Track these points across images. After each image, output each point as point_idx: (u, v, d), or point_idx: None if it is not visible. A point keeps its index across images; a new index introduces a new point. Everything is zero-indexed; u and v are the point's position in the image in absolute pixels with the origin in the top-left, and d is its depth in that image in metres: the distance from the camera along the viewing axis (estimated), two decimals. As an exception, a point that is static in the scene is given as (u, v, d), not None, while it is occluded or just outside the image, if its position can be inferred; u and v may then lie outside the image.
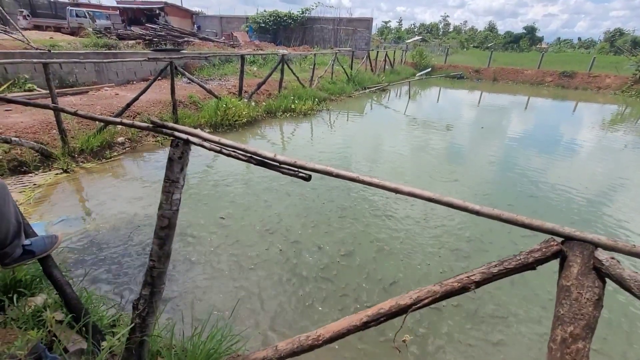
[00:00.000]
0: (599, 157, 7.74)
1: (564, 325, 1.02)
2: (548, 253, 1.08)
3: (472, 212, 1.19)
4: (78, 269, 2.93)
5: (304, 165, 1.50)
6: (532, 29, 64.91)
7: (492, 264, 1.16)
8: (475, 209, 1.19)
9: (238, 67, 12.37)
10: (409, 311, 1.25)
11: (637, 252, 0.97)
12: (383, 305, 1.30)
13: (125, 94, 8.08)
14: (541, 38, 68.06)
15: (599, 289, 1.01)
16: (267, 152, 1.60)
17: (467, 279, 1.18)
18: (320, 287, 2.99)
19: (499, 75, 23.76)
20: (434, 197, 1.25)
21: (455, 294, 1.21)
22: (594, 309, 1.01)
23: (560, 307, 1.05)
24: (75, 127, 5.63)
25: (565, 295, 1.05)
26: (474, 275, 1.17)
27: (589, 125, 11.47)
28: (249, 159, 1.66)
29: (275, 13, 27.31)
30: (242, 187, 4.94)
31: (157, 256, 1.80)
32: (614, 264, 0.98)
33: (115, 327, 2.14)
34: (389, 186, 1.34)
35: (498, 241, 3.89)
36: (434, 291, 1.22)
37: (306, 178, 1.56)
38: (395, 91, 16.93)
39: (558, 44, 74.04)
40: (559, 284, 1.08)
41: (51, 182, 4.66)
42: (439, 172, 6.21)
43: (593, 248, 1.02)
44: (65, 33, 17.44)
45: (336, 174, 1.45)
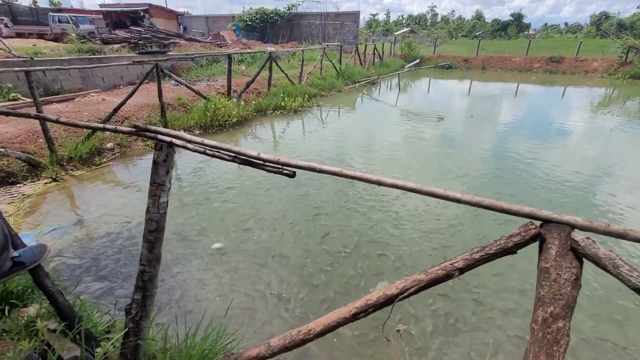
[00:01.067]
0: (588, 141, 7.84)
1: (545, 306, 1.05)
2: (527, 237, 1.10)
3: (454, 200, 1.21)
4: (71, 277, 2.92)
5: (288, 162, 1.51)
6: (519, 15, 65.17)
7: (475, 250, 1.18)
8: (457, 197, 1.20)
9: (226, 67, 12.31)
10: (396, 301, 1.26)
11: (611, 231, 0.99)
12: (371, 297, 1.32)
13: (112, 99, 7.99)
14: (528, 24, 68.38)
15: (577, 269, 1.04)
16: (251, 151, 1.60)
17: (450, 266, 1.20)
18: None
19: (488, 63, 23.86)
20: (415, 187, 1.27)
21: (440, 281, 1.22)
22: (572, 288, 1.03)
23: (540, 288, 1.08)
24: (63, 135, 5.56)
25: (545, 276, 1.07)
26: (457, 262, 1.19)
27: (577, 109, 11.59)
28: (233, 159, 1.66)
29: (261, 10, 27.07)
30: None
31: (147, 260, 1.80)
32: (589, 244, 1.01)
33: (110, 333, 2.14)
34: (371, 179, 1.36)
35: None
36: (420, 280, 1.24)
37: (290, 175, 1.56)
38: (386, 84, 16.94)
39: (545, 29, 74.46)
40: (539, 267, 1.10)
41: (40, 191, 4.61)
42: (431, 162, 6.25)
43: (570, 229, 1.05)
44: (48, 39, 17.16)
45: (319, 169, 1.46)
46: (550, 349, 1.01)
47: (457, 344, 2.49)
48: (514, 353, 2.44)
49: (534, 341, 1.05)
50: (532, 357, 1.04)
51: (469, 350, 2.45)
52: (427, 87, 17.16)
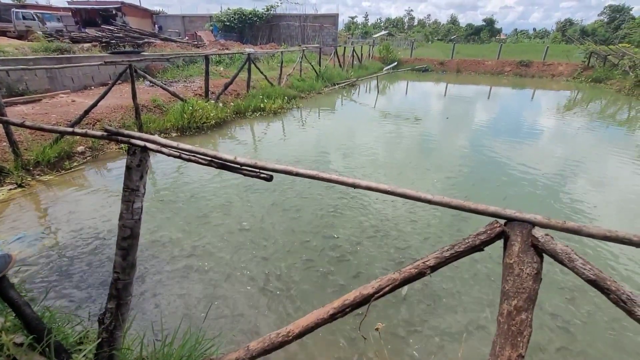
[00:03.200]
0: (555, 141, 8.27)
1: (509, 300, 1.11)
2: (492, 234, 1.16)
3: (425, 201, 1.26)
4: (39, 287, 2.78)
5: (265, 166, 1.52)
6: (490, 21, 67.70)
7: (444, 248, 1.23)
8: (428, 198, 1.25)
9: (203, 68, 12.09)
10: (372, 300, 1.30)
11: (568, 227, 1.07)
12: (347, 297, 1.35)
13: (82, 100, 7.67)
14: (500, 29, 71.15)
15: (537, 264, 1.10)
16: (227, 155, 1.60)
17: (422, 265, 1.25)
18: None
19: (462, 66, 24.65)
20: (389, 189, 1.31)
21: (413, 279, 1.27)
22: (533, 282, 1.10)
23: (505, 283, 1.14)
24: (29, 138, 5.29)
25: (509, 272, 1.13)
26: (429, 260, 1.24)
27: (545, 110, 12.19)
28: (209, 163, 1.65)
29: (239, 11, 26.78)
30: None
31: (121, 267, 1.76)
32: (548, 240, 1.08)
33: (83, 344, 2.06)
34: (347, 182, 1.39)
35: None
36: (394, 279, 1.28)
37: (267, 179, 1.57)
38: (365, 86, 17.16)
39: (515, 34, 77.74)
40: (503, 263, 1.16)
41: (4, 198, 4.36)
42: (409, 162, 6.41)
43: (530, 227, 1.11)
44: (11, 37, 16.25)
45: (296, 173, 1.47)
46: (515, 339, 1.07)
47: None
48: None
49: (500, 333, 1.11)
50: (498, 348, 1.10)
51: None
52: (405, 89, 17.53)
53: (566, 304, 2.93)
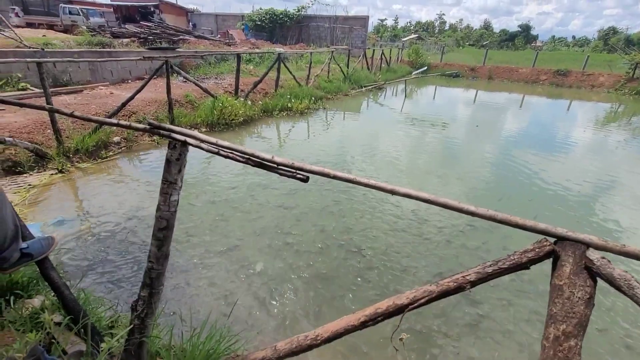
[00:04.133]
0: (592, 156, 7.83)
1: (557, 324, 1.05)
2: (541, 253, 1.10)
3: (467, 212, 1.21)
4: (75, 270, 2.92)
5: (302, 167, 1.52)
6: (526, 27, 65.29)
7: (487, 264, 1.18)
8: (470, 209, 1.21)
9: (234, 66, 12.33)
10: (406, 311, 1.27)
11: (627, 252, 1.00)
12: (380, 305, 1.32)
13: (120, 92, 8.02)
14: (536, 36, 68.50)
15: (591, 288, 1.04)
16: (265, 154, 1.61)
17: (462, 279, 1.20)
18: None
19: (494, 73, 23.88)
20: (429, 198, 1.28)
21: (451, 293, 1.23)
22: (585, 307, 1.03)
23: (553, 305, 1.08)
24: (70, 127, 5.58)
25: (557, 294, 1.07)
26: (469, 275, 1.19)
27: (582, 123, 11.58)
28: (246, 161, 1.67)
29: (271, 11, 27.19)
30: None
31: (156, 257, 1.81)
32: (604, 264, 1.01)
33: (114, 328, 2.14)
34: (385, 187, 1.36)
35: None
36: (430, 291, 1.25)
37: (304, 179, 1.57)
38: (392, 89, 16.97)
39: (552, 42, 74.59)
40: (551, 283, 1.10)
41: (46, 182, 4.62)
42: (434, 169, 6.27)
43: (584, 248, 1.05)
44: (58, 31, 17.25)
45: (333, 175, 1.46)
46: (561, 367, 1.01)
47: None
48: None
49: (544, 358, 1.05)
50: (542, 374, 1.04)
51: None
52: (433, 94, 17.19)
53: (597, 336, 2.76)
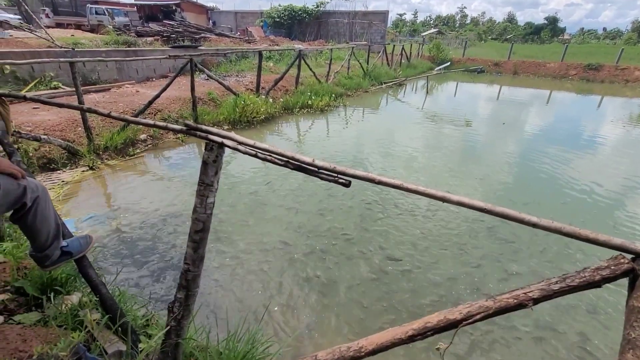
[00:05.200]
0: (630, 156, 7.40)
1: (636, 350, 0.95)
2: (617, 271, 1.01)
3: (529, 224, 1.13)
4: (107, 267, 2.99)
5: (344, 172, 1.46)
6: (553, 19, 62.56)
7: (553, 280, 1.09)
8: (533, 221, 1.12)
9: (254, 63, 12.39)
10: (460, 326, 1.20)
11: None
12: (430, 319, 1.26)
13: (145, 91, 8.19)
14: (563, 29, 65.55)
15: (678, 313, 0.94)
16: (305, 157, 1.55)
17: (524, 295, 1.12)
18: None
19: (520, 68, 23.00)
20: (485, 207, 1.19)
21: (510, 310, 1.15)
22: (671, 333, 0.93)
23: (631, 329, 0.98)
24: (100, 125, 5.74)
25: (637, 317, 0.97)
26: (532, 291, 1.11)
27: (615, 120, 10.98)
28: (285, 164, 1.62)
29: (290, 7, 27.16)
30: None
31: (192, 259, 1.80)
32: (695, 286, 0.91)
33: (148, 327, 2.16)
34: (436, 195, 1.28)
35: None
36: (487, 307, 1.17)
37: (346, 184, 1.51)
38: (412, 85, 16.63)
39: (581, 34, 71.16)
40: (628, 305, 1.00)
41: (78, 179, 4.77)
42: (458, 169, 6.08)
43: (670, 268, 0.95)
44: (85, 30, 17.82)
45: (378, 181, 1.39)
46: (643, 398, 0.92)
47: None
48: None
49: (622, 387, 0.96)
50: (618, 404, 0.95)
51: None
52: (454, 91, 16.74)
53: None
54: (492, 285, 3.13)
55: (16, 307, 2.17)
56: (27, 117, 5.50)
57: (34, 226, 1.69)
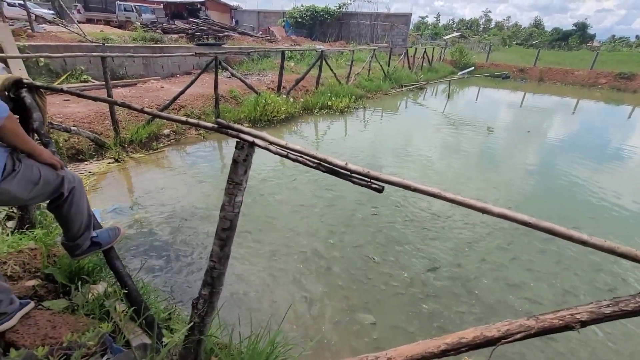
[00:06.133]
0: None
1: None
2: (679, 298, 0.94)
3: (579, 241, 1.07)
4: (131, 259, 3.05)
5: (378, 177, 1.42)
6: (583, 25, 60.46)
7: (604, 303, 1.03)
8: (583, 238, 1.06)
9: (275, 62, 12.49)
10: (498, 344, 1.14)
11: None
12: (465, 334, 1.21)
13: (169, 87, 8.37)
14: (593, 36, 63.25)
15: None
16: (338, 160, 1.53)
17: (570, 317, 1.06)
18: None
19: (546, 75, 22.30)
20: (530, 221, 1.14)
21: (554, 331, 1.08)
22: None
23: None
24: (126, 119, 5.89)
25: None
26: (580, 313, 1.04)
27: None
28: (317, 166, 1.60)
29: (312, 8, 27.24)
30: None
31: (218, 257, 1.80)
32: None
33: (170, 321, 2.18)
34: (475, 205, 1.23)
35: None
36: (528, 326, 1.11)
37: (379, 189, 1.48)
38: (432, 89, 16.38)
39: (612, 42, 68.47)
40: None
41: (104, 170, 4.91)
42: (477, 177, 5.94)
43: None
44: (113, 26, 18.37)
45: (414, 188, 1.35)
46: None
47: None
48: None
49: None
50: None
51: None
52: (476, 96, 16.38)
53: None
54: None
55: (45, 293, 2.23)
56: (58, 109, 5.70)
57: (69, 216, 1.73)
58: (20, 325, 1.78)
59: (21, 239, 2.64)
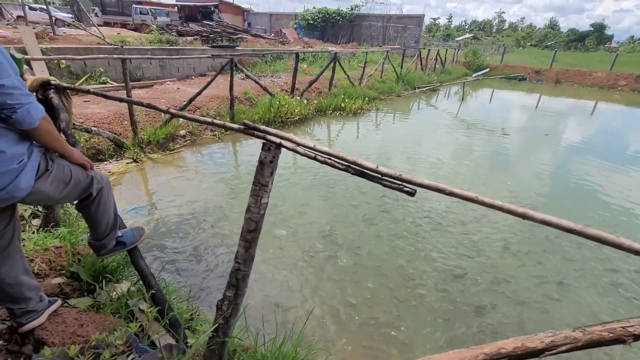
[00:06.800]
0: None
1: None
2: None
3: (630, 250, 1.02)
4: (150, 259, 3.08)
5: (410, 180, 1.39)
6: (600, 26, 59.05)
7: (660, 315, 0.98)
8: (634, 247, 1.01)
9: (288, 64, 12.55)
10: (540, 357, 1.10)
11: None
12: (504, 344, 1.16)
13: (185, 88, 8.48)
14: (611, 36, 61.71)
15: None
16: (369, 163, 1.50)
17: (622, 330, 1.01)
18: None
19: (563, 77, 21.82)
20: (575, 228, 1.09)
21: (603, 344, 1.04)
22: None
23: None
24: (144, 120, 5.98)
25: None
26: (633, 326, 0.99)
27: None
28: (346, 168, 1.57)
29: (324, 10, 27.33)
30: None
31: (243, 259, 1.80)
32: None
33: (192, 321, 2.19)
34: (515, 210, 1.19)
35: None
36: (575, 338, 1.06)
37: (411, 193, 1.45)
38: (445, 91, 16.20)
39: (631, 42, 66.61)
40: None
41: (122, 170, 4.98)
42: (487, 179, 5.83)
43: None
44: (129, 29, 18.78)
45: (449, 192, 1.31)
46: None
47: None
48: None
49: None
50: None
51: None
52: (489, 98, 16.13)
53: None
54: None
55: (70, 291, 2.26)
56: (79, 110, 5.82)
57: (97, 216, 1.75)
58: (49, 323, 1.80)
59: (47, 237, 2.69)
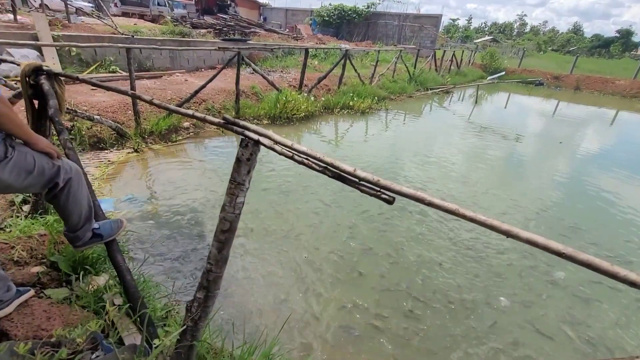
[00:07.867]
0: None
1: None
2: None
3: (625, 281, 0.89)
4: (137, 251, 3.03)
5: (389, 187, 1.28)
6: (627, 32, 57.04)
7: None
8: (630, 278, 0.88)
9: (299, 60, 12.43)
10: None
11: None
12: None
13: (193, 80, 8.47)
14: (637, 43, 59.49)
15: None
16: (346, 166, 1.40)
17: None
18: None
19: (583, 83, 21.10)
20: (564, 251, 0.96)
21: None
22: None
23: None
24: (147, 110, 5.97)
25: None
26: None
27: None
28: (323, 170, 1.47)
29: (340, 7, 27.07)
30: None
31: (215, 260, 1.71)
32: None
33: (167, 319, 2.12)
34: (500, 227, 1.07)
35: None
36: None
37: (389, 201, 1.33)
38: (459, 94, 15.84)
39: (660, 50, 64.14)
40: None
41: (123, 160, 4.98)
42: (496, 187, 5.62)
43: None
44: (147, 20, 18.93)
45: (429, 202, 1.20)
46: None
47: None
48: None
49: None
50: None
51: None
52: (505, 103, 15.70)
53: None
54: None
55: (48, 281, 2.22)
56: (84, 97, 5.85)
57: (66, 207, 1.69)
58: (17, 314, 1.76)
59: (33, 224, 2.67)
